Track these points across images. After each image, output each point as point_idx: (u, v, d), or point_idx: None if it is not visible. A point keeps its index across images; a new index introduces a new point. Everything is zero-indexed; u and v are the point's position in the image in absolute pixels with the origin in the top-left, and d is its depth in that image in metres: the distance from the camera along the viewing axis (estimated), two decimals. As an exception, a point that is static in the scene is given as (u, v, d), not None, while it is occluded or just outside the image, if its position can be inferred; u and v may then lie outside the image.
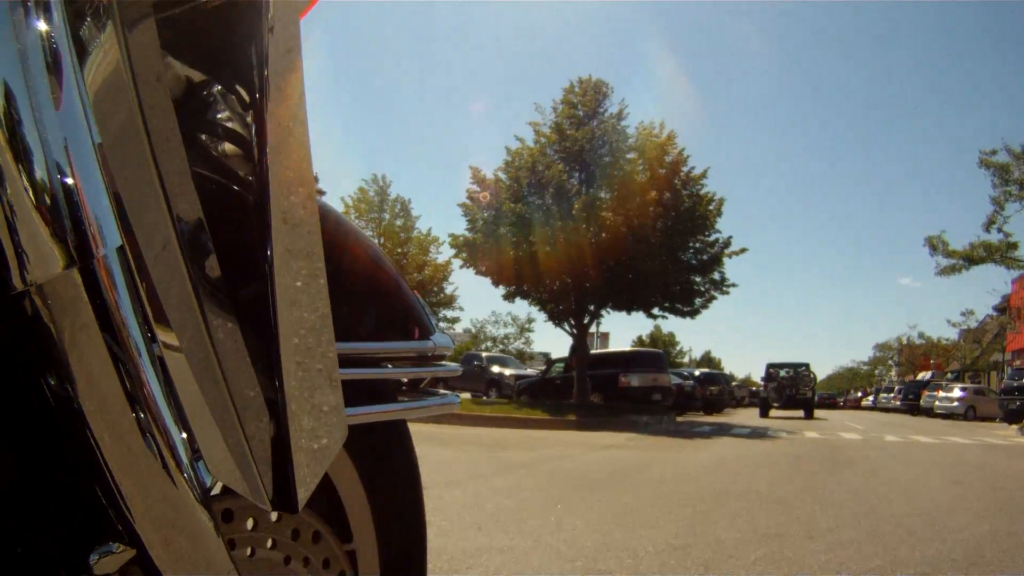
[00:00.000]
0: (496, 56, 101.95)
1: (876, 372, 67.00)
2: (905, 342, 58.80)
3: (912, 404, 30.51)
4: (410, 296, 0.88)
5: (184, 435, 0.42)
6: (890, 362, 62.33)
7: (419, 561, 0.87)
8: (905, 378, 52.83)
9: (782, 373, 22.86)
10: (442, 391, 0.90)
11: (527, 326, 37.46)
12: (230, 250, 0.43)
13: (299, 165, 0.44)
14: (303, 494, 0.45)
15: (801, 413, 21.95)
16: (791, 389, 22.07)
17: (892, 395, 37.28)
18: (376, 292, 0.84)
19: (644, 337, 55.82)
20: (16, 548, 0.40)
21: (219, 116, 0.45)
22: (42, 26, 0.35)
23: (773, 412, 22.17)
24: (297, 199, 0.44)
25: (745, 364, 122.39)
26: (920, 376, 46.53)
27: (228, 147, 0.45)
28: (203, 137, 0.45)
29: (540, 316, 16.89)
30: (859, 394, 58.99)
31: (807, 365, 23.12)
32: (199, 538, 0.43)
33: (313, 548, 0.71)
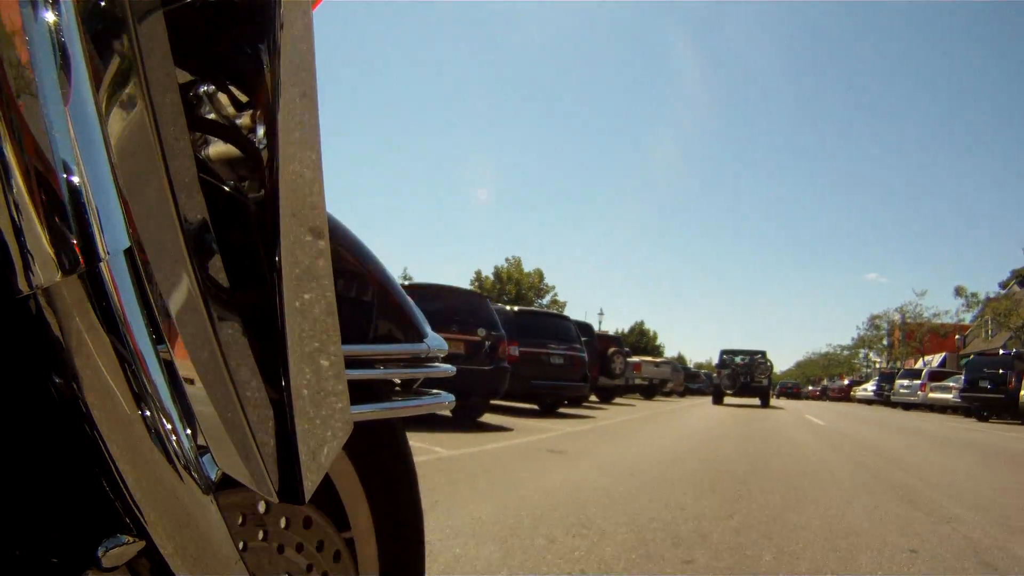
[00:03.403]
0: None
1: (860, 355, 58.59)
2: (899, 320, 47.90)
3: (990, 401, 17.11)
4: (404, 299, 0.89)
5: (189, 431, 0.43)
6: (884, 343, 53.12)
7: (417, 561, 0.88)
8: (898, 364, 44.27)
9: (737, 359, 21.22)
10: (434, 391, 0.91)
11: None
12: (238, 248, 0.44)
13: (309, 165, 0.44)
14: (309, 486, 0.46)
15: (757, 401, 20.48)
16: (746, 376, 20.41)
17: (918, 382, 25.33)
18: (370, 295, 0.85)
19: (487, 274, 41.82)
20: (23, 542, 0.40)
21: (229, 115, 0.45)
22: (50, 18, 0.34)
23: (727, 399, 20.80)
24: (306, 199, 0.44)
25: (706, 352, 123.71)
26: (924, 361, 36.88)
27: (238, 146, 0.45)
28: (213, 137, 0.45)
29: None
30: (845, 381, 49.67)
31: (763, 353, 21.28)
32: (205, 530, 0.44)
33: (324, 552, 0.71)
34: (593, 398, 15.46)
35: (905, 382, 27.04)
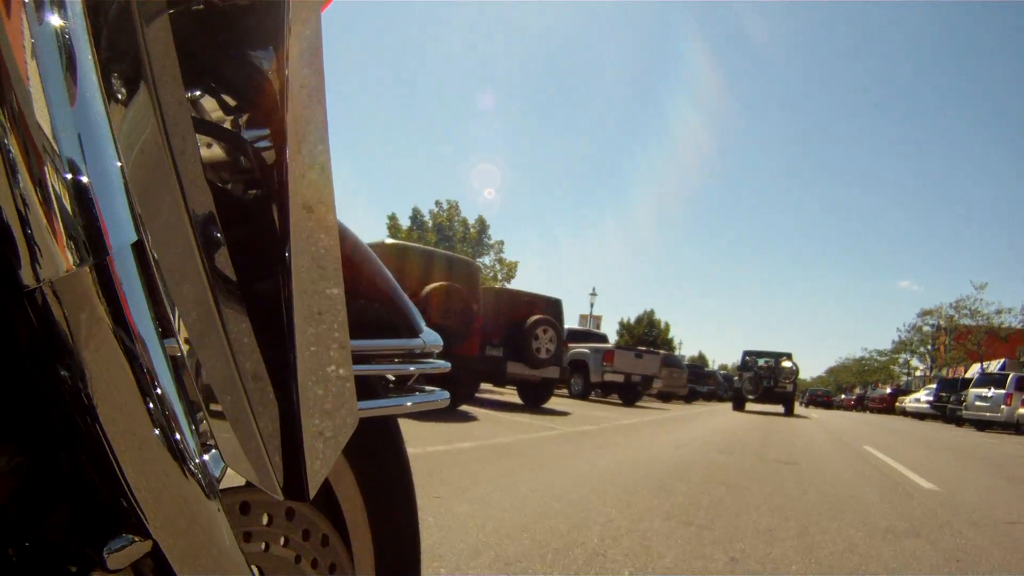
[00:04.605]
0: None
1: (900, 360, 52.23)
2: (951, 317, 38.73)
3: None
4: (399, 294, 0.88)
5: (195, 427, 0.42)
6: (930, 346, 45.63)
7: (413, 559, 0.88)
8: (944, 371, 37.66)
9: (760, 362, 19.30)
10: (429, 388, 0.90)
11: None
12: (246, 245, 0.44)
13: (318, 163, 0.44)
14: (314, 483, 0.46)
15: (781, 409, 18.84)
16: (769, 381, 18.67)
17: (1002, 392, 18.13)
18: (364, 289, 0.84)
19: (405, 221, 31.44)
20: (26, 542, 0.40)
21: (238, 115, 0.45)
22: (57, 21, 0.35)
23: (749, 406, 19.36)
24: (316, 196, 0.44)
25: (730, 355, 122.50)
26: (979, 368, 29.03)
27: (247, 145, 0.45)
28: (222, 136, 0.45)
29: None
30: (887, 390, 41.26)
31: (789, 355, 19.26)
32: (210, 530, 0.43)
33: (321, 550, 0.72)
34: (510, 397, 10.40)
35: (983, 391, 18.90)
